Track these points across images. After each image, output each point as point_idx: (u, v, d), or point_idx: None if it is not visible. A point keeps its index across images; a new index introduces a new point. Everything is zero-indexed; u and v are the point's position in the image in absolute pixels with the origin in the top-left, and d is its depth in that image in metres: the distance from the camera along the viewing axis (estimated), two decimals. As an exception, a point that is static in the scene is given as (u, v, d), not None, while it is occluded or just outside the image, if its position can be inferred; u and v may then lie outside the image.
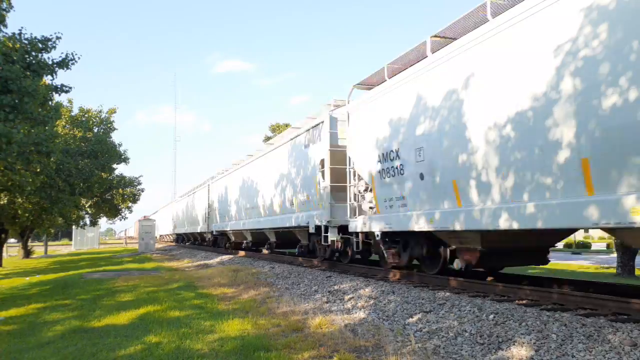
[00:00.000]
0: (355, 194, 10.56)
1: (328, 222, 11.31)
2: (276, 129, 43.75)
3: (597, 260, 20.41)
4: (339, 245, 11.45)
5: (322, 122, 12.04)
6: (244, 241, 20.75)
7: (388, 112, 8.92)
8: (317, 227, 11.98)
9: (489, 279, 8.72)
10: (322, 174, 11.76)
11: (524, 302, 6.52)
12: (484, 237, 7.22)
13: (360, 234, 10.42)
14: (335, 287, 9.06)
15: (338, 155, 11.37)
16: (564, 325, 5.01)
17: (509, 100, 6.15)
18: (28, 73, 11.47)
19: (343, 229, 11.15)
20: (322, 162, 11.77)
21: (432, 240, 8.48)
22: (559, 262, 19.03)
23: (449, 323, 5.84)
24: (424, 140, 7.83)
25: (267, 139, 44.78)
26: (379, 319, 6.63)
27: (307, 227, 12.67)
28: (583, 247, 32.99)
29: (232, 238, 22.23)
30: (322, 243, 11.90)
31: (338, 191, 11.29)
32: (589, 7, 5.17)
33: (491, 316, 5.71)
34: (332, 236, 11.32)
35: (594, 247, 35.45)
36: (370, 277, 10.06)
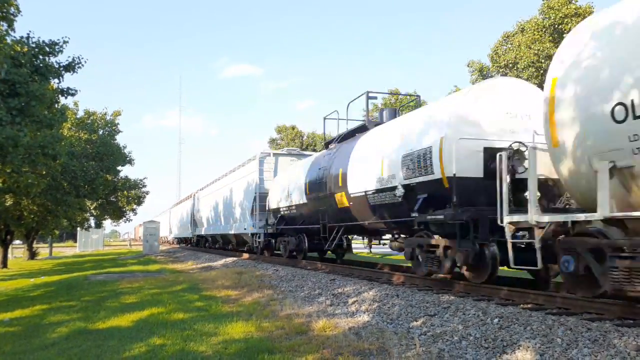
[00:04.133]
0: None
1: None
2: (282, 130, 43.86)
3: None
4: None
5: None
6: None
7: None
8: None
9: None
10: None
11: (529, 306, 6.49)
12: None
13: None
14: (339, 290, 9.05)
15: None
16: (569, 330, 4.98)
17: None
18: (36, 77, 11.56)
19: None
20: None
21: None
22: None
23: (454, 327, 5.82)
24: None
25: (272, 140, 44.84)
26: (383, 322, 6.61)
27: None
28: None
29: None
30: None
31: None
32: None
33: (496, 320, 5.68)
34: None
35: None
36: (374, 280, 10.04)
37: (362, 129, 12.47)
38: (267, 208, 17.45)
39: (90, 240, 49.70)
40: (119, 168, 30.29)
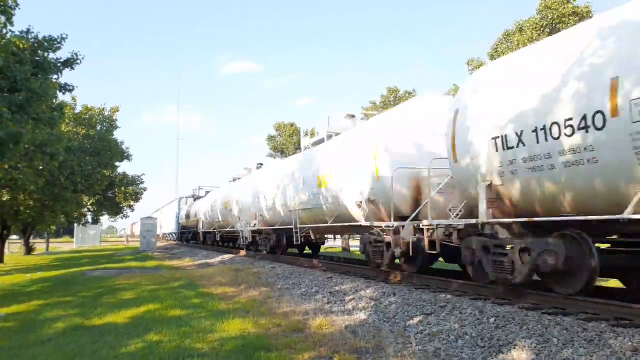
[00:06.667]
0: None
1: None
2: (281, 127, 43.72)
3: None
4: None
5: None
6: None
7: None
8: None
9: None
10: None
11: (526, 305, 6.50)
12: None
13: None
14: (336, 288, 9.06)
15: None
16: (565, 329, 5.00)
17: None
18: (39, 75, 11.48)
19: None
20: None
21: None
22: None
23: (450, 325, 5.83)
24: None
25: (271, 137, 44.71)
26: (380, 321, 6.62)
27: None
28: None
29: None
30: None
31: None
32: None
33: (492, 319, 5.70)
34: None
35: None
36: (372, 278, 10.06)
37: (198, 197, 36.87)
38: (179, 221, 40.80)
39: (87, 235, 49.60)
40: (117, 164, 30.23)
